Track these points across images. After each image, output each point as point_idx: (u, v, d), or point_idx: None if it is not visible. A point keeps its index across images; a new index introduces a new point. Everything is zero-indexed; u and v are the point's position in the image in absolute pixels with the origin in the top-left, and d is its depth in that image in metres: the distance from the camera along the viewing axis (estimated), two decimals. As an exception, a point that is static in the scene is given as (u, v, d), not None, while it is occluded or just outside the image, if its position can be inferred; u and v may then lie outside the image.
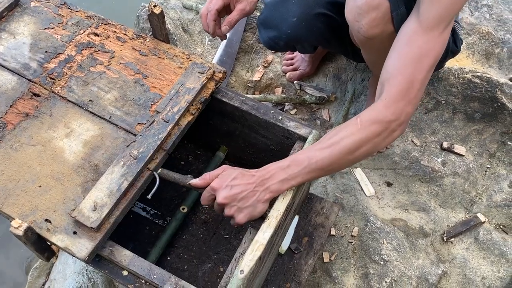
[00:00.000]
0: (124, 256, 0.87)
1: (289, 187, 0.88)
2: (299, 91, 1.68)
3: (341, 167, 0.91)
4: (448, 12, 0.87)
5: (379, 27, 1.02)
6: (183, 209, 1.25)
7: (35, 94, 1.03)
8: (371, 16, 1.00)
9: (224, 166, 0.91)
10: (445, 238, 1.37)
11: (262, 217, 0.89)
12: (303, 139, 1.02)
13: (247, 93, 1.72)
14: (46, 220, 0.87)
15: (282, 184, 0.87)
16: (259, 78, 1.72)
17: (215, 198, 0.88)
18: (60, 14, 1.15)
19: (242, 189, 0.85)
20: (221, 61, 1.70)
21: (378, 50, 1.10)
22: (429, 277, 1.30)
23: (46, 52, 1.09)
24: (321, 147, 0.88)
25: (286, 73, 1.70)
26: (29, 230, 0.82)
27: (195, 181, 0.93)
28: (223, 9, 1.16)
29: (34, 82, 1.04)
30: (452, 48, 1.23)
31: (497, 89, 1.46)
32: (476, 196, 1.45)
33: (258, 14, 1.71)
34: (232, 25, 1.16)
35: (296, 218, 1.24)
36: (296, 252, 1.22)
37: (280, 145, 1.12)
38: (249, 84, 1.72)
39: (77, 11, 1.16)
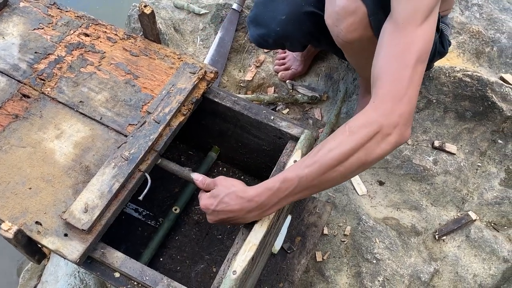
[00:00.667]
0: (116, 257, 0.86)
1: (279, 208, 0.87)
2: (291, 90, 1.68)
3: (335, 181, 0.84)
4: (419, 4, 0.83)
5: (357, 31, 1.02)
6: (176, 209, 1.25)
7: (24, 95, 1.02)
8: (349, 21, 1.01)
9: (218, 178, 0.90)
10: (437, 236, 1.38)
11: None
12: (295, 139, 1.02)
13: (239, 93, 1.72)
14: (37, 222, 0.86)
15: (271, 208, 0.86)
16: (251, 78, 1.71)
17: None
18: (50, 14, 1.14)
19: (229, 215, 0.86)
20: (213, 61, 1.70)
21: (359, 53, 1.10)
22: (421, 275, 1.30)
23: (35, 52, 1.08)
24: (310, 162, 0.82)
25: (278, 73, 1.70)
26: (19, 232, 0.81)
27: (196, 177, 0.94)
28: None
29: (24, 83, 1.03)
30: (439, 49, 1.23)
31: (487, 88, 1.47)
32: (467, 194, 1.46)
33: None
34: None
35: (289, 217, 1.24)
36: (289, 251, 1.22)
37: (273, 145, 1.12)
38: (241, 84, 1.72)
39: (67, 11, 1.15)
